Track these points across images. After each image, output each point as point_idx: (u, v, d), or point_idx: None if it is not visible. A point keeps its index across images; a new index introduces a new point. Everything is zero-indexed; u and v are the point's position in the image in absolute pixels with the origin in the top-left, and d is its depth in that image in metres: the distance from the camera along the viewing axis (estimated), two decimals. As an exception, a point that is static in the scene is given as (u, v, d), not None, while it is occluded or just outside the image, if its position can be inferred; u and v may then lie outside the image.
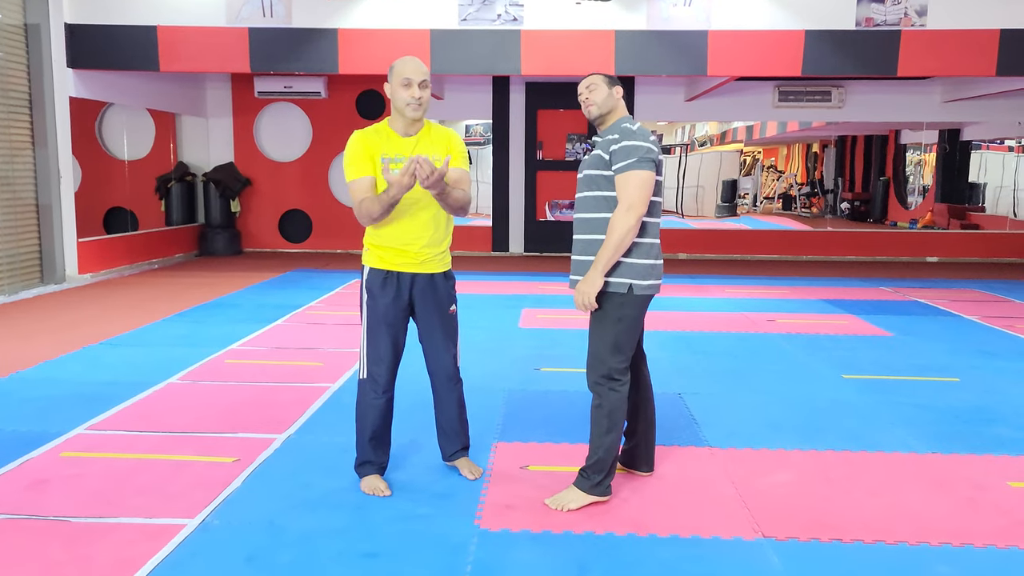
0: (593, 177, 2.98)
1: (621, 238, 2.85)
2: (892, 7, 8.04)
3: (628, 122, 3.01)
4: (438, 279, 3.17)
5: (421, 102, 3.00)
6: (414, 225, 3.06)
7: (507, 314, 6.97)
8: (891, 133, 16.99)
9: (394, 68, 3.01)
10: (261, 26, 8.34)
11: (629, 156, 2.87)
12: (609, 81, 3.04)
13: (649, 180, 2.88)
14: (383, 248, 3.09)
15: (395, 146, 3.04)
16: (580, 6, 8.21)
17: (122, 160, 11.49)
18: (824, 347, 5.78)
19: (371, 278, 3.12)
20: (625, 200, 2.86)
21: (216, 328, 6.25)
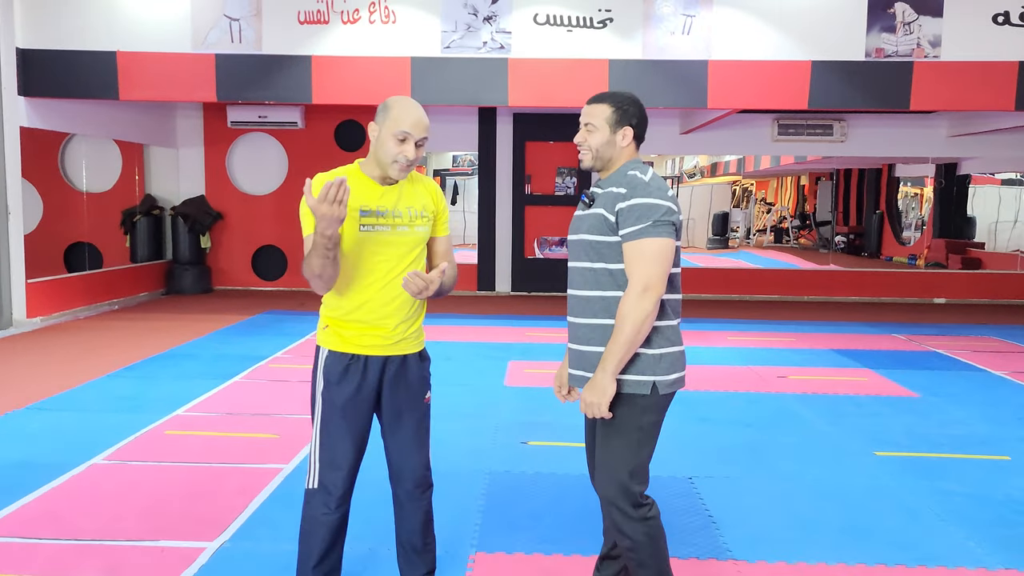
0: (593, 244, 2.32)
1: (636, 329, 2.21)
2: (904, 37, 7.55)
3: (638, 169, 2.34)
4: (412, 361, 2.52)
5: (412, 164, 2.39)
6: (390, 299, 2.42)
7: (491, 368, 6.32)
8: (884, 167, 16.62)
9: (389, 112, 2.37)
10: (229, 52, 7.76)
11: (642, 219, 2.23)
12: (616, 118, 2.34)
13: (668, 250, 2.24)
14: (347, 325, 2.43)
15: (372, 196, 2.41)
16: (572, 34, 7.67)
17: (86, 193, 10.84)
18: (846, 412, 5.16)
19: (330, 364, 2.45)
20: (639, 278, 2.22)
21: (165, 386, 5.57)
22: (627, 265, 2.25)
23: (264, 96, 7.89)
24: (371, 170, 2.44)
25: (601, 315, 2.33)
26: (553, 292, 10.92)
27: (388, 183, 2.45)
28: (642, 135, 2.41)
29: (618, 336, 2.23)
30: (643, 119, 2.40)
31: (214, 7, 7.74)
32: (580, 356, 2.39)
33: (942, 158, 12.24)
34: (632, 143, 2.39)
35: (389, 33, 7.76)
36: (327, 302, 2.49)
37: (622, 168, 2.37)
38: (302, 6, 7.75)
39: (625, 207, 2.26)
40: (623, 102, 2.37)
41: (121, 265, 10.28)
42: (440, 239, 2.59)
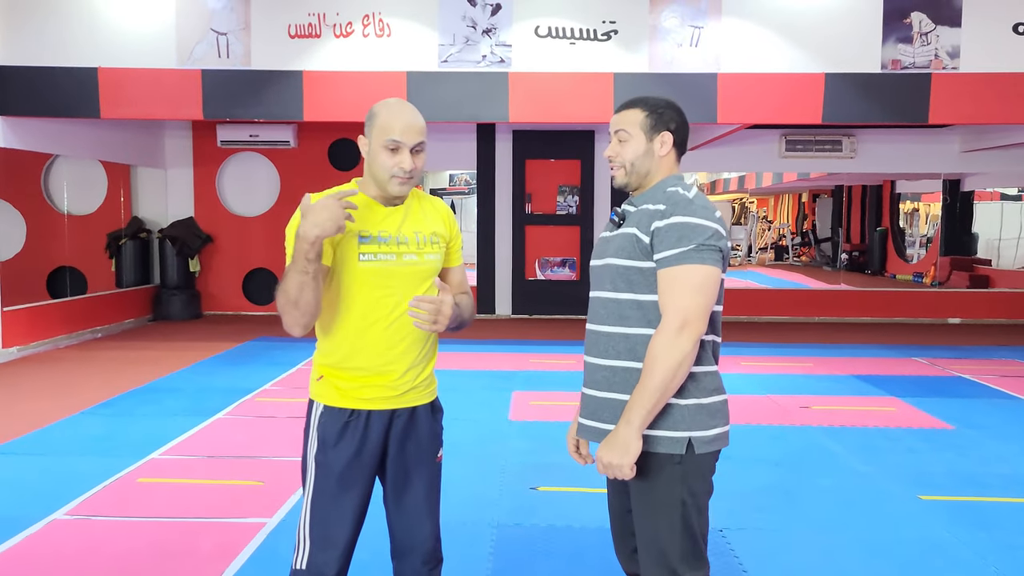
0: (620, 270, 1.94)
1: (669, 374, 1.82)
2: (921, 48, 7.23)
3: (680, 184, 1.97)
4: (422, 414, 2.13)
5: (412, 175, 2.01)
6: (396, 341, 2.04)
7: (494, 400, 5.92)
8: (886, 183, 16.34)
9: (376, 119, 2.02)
10: (216, 68, 7.40)
11: (683, 241, 1.86)
12: (651, 123, 1.99)
13: (712, 280, 1.87)
14: (347, 374, 2.04)
15: (372, 219, 2.03)
16: (575, 47, 7.34)
17: (70, 215, 10.47)
18: (880, 448, 4.76)
19: (325, 422, 2.05)
20: (675, 312, 1.84)
21: (142, 425, 5.16)
22: (661, 296, 1.88)
23: (253, 114, 7.53)
24: (369, 189, 2.07)
25: (626, 356, 1.94)
26: (555, 315, 10.53)
27: (391, 204, 2.07)
28: (684, 143, 2.05)
29: (647, 381, 1.83)
30: (683, 124, 2.04)
31: (200, 21, 7.41)
32: (598, 404, 2.00)
33: (954, 174, 11.91)
34: (672, 152, 2.03)
35: (384, 47, 7.42)
36: (321, 347, 2.09)
37: (660, 184, 2.00)
38: (293, 19, 7.42)
39: (663, 226, 1.88)
40: (658, 105, 2.02)
41: (106, 291, 9.88)
42: (454, 270, 2.22)
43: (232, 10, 7.39)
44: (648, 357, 1.86)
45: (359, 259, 1.99)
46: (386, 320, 2.03)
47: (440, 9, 7.39)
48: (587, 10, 7.39)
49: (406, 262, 2.03)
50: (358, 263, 1.99)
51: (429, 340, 2.13)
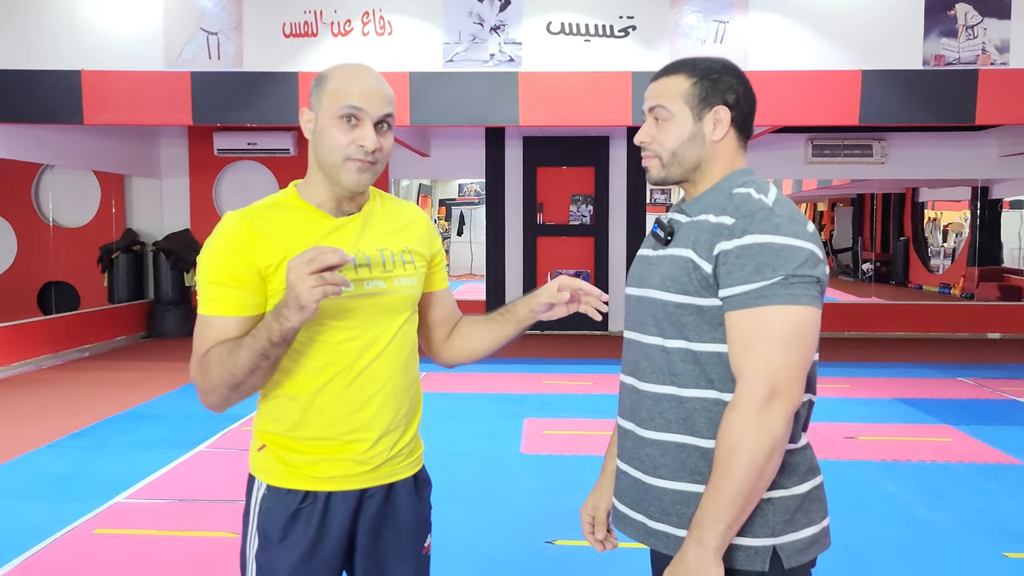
0: (668, 308, 1.39)
1: (756, 469, 1.28)
2: (967, 42, 6.66)
3: (751, 183, 1.41)
4: (403, 493, 1.58)
5: (376, 159, 1.47)
6: (364, 400, 1.50)
7: (505, 428, 5.36)
8: (908, 191, 15.78)
9: (325, 83, 1.48)
10: (206, 70, 6.92)
11: (765, 271, 1.30)
12: (701, 94, 1.42)
13: (811, 326, 1.32)
14: (296, 445, 1.50)
15: (325, 236, 1.48)
16: (590, 44, 6.81)
17: (62, 228, 10.02)
18: (945, 489, 4.18)
19: (270, 509, 1.50)
20: (759, 375, 1.29)
21: (112, 461, 4.63)
22: (735, 350, 1.33)
23: (246, 118, 7.04)
24: (314, 193, 1.51)
25: (678, 428, 1.39)
26: (568, 331, 9.97)
27: (343, 211, 1.52)
28: (748, 122, 1.46)
29: (723, 483, 1.29)
30: (747, 95, 1.45)
31: (189, 20, 6.92)
32: (642, 492, 1.44)
33: (991, 180, 11.31)
34: (732, 135, 1.44)
35: (385, 46, 6.92)
36: (263, 409, 1.54)
37: (723, 183, 1.43)
38: (287, 17, 6.93)
39: (733, 249, 1.32)
40: (711, 68, 1.44)
41: (97, 307, 9.40)
42: (440, 295, 1.70)
43: (223, 8, 6.91)
44: (722, 445, 1.30)
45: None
46: (348, 373, 1.48)
47: (445, 5, 6.89)
48: (603, 5, 6.86)
49: (370, 292, 1.49)
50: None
51: (411, 390, 1.58)
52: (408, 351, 1.57)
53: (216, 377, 1.39)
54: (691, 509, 1.38)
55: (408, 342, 1.57)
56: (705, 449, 1.37)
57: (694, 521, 1.32)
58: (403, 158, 10.12)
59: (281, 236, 1.45)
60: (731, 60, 1.49)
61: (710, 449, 1.37)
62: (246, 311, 1.43)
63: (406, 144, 8.95)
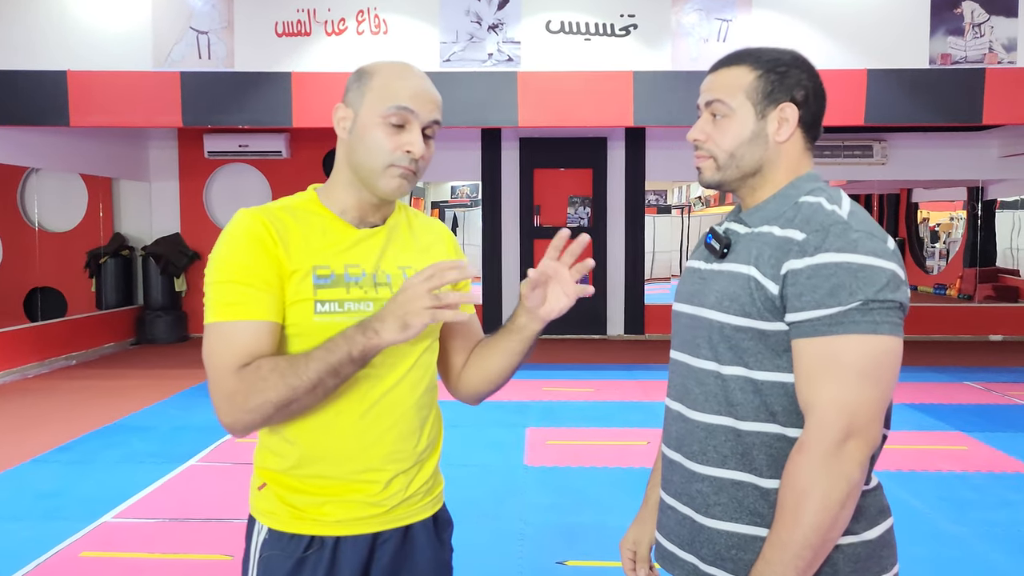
0: (725, 331, 1.25)
1: (828, 518, 1.13)
2: (973, 41, 6.55)
3: (821, 191, 1.26)
4: (420, 536, 1.42)
5: (419, 167, 1.34)
6: (377, 435, 1.34)
7: (507, 439, 5.20)
8: (902, 192, 15.71)
9: (371, 79, 1.33)
10: (196, 70, 6.73)
11: (840, 294, 1.15)
12: (765, 89, 1.27)
13: (894, 358, 1.17)
14: (301, 484, 1.34)
15: (337, 246, 1.34)
16: (590, 43, 6.66)
17: (48, 232, 9.80)
18: (966, 501, 4.04)
19: (271, 557, 1.34)
20: (833, 413, 1.14)
21: (100, 476, 4.44)
22: (804, 383, 1.17)
23: (238, 120, 6.85)
24: (338, 198, 1.37)
25: (734, 464, 1.25)
26: (567, 335, 9.81)
27: (367, 223, 1.37)
28: (817, 122, 1.31)
29: (790, 532, 1.14)
30: (817, 91, 1.29)
31: (179, 19, 6.74)
32: (694, 532, 1.30)
33: (991, 180, 11.22)
34: (799, 135, 1.29)
35: (380, 45, 6.74)
36: (264, 444, 1.37)
37: (788, 190, 1.28)
38: (280, 16, 6.76)
39: (803, 268, 1.17)
40: (778, 61, 1.28)
41: (85, 313, 9.19)
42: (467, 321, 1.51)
43: (213, 7, 6.73)
44: (788, 490, 1.16)
45: (314, 311, 1.29)
46: (360, 405, 1.33)
47: (442, 4, 6.73)
48: (603, 3, 6.72)
49: None
50: (312, 318, 1.29)
51: (429, 424, 1.42)
52: (427, 382, 1.42)
53: (270, 392, 1.21)
54: (748, 554, 1.23)
55: (428, 372, 1.42)
56: (765, 489, 1.23)
57: (754, 574, 1.18)
58: (397, 160, 9.93)
59: (301, 242, 1.31)
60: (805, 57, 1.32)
61: (771, 489, 1.23)
62: (276, 317, 1.28)
63: (401, 146, 8.78)
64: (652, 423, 5.57)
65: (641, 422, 5.60)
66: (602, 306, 9.82)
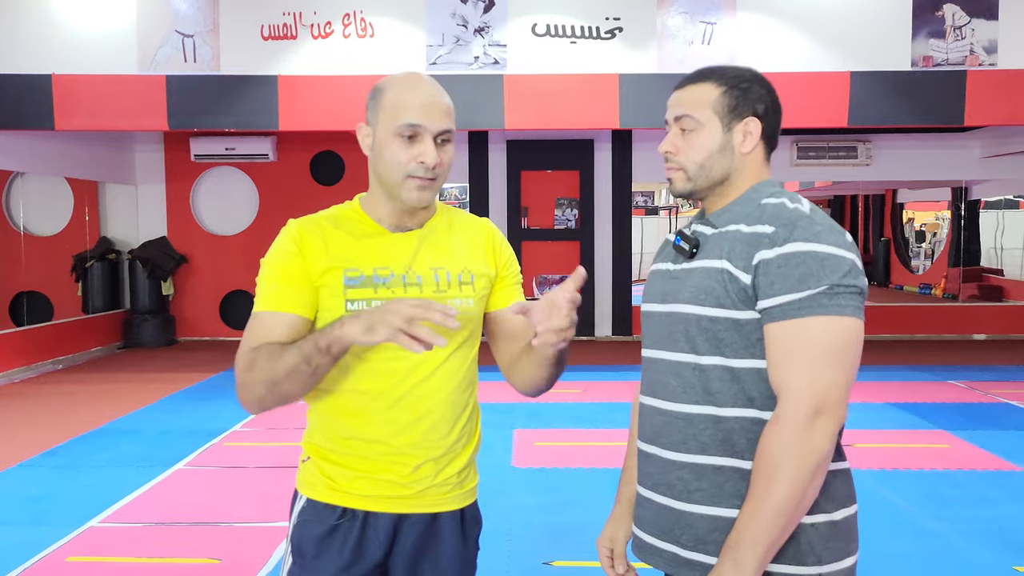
0: (703, 323, 1.31)
1: (800, 487, 1.22)
2: (955, 43, 6.63)
3: (783, 195, 1.36)
4: (447, 527, 1.48)
5: (437, 174, 1.42)
6: (408, 423, 1.43)
7: (495, 439, 5.22)
8: (888, 192, 15.85)
9: (383, 95, 1.42)
10: (182, 73, 6.73)
11: (808, 280, 1.24)
12: (731, 103, 1.36)
13: (857, 338, 1.26)
14: (337, 459, 1.44)
15: (372, 249, 1.44)
16: (576, 46, 6.70)
17: (34, 236, 9.75)
18: (947, 498, 4.09)
19: (306, 522, 1.45)
20: (804, 391, 1.23)
21: (86, 480, 4.44)
22: (776, 365, 1.26)
23: (224, 124, 6.85)
24: (376, 206, 1.49)
25: (716, 450, 1.32)
26: (555, 336, 9.83)
27: (403, 227, 1.47)
28: (774, 135, 1.41)
29: (764, 501, 1.22)
30: (774, 105, 1.39)
31: (164, 22, 6.74)
32: (673, 519, 1.36)
33: (974, 181, 11.33)
34: (760, 147, 1.39)
35: (367, 48, 6.76)
36: (311, 420, 1.49)
37: (750, 194, 1.38)
38: (266, 19, 6.76)
39: (775, 257, 1.26)
40: (740, 78, 1.38)
41: (71, 317, 9.15)
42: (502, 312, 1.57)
43: (198, 10, 6.73)
44: (763, 463, 1.24)
45: (345, 309, 1.41)
46: (391, 395, 1.42)
47: (427, 6, 6.75)
48: (589, 6, 6.76)
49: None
50: (344, 312, 1.40)
51: (465, 418, 1.49)
52: (462, 376, 1.49)
53: (258, 371, 1.35)
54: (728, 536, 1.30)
55: (463, 366, 1.49)
56: (746, 471, 1.31)
57: (729, 542, 1.25)
58: (385, 163, 9.95)
59: (334, 245, 1.43)
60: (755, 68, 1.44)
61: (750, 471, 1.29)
62: (295, 308, 1.40)
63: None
64: (639, 423, 5.61)
65: (628, 423, 5.62)
66: (590, 308, 9.86)
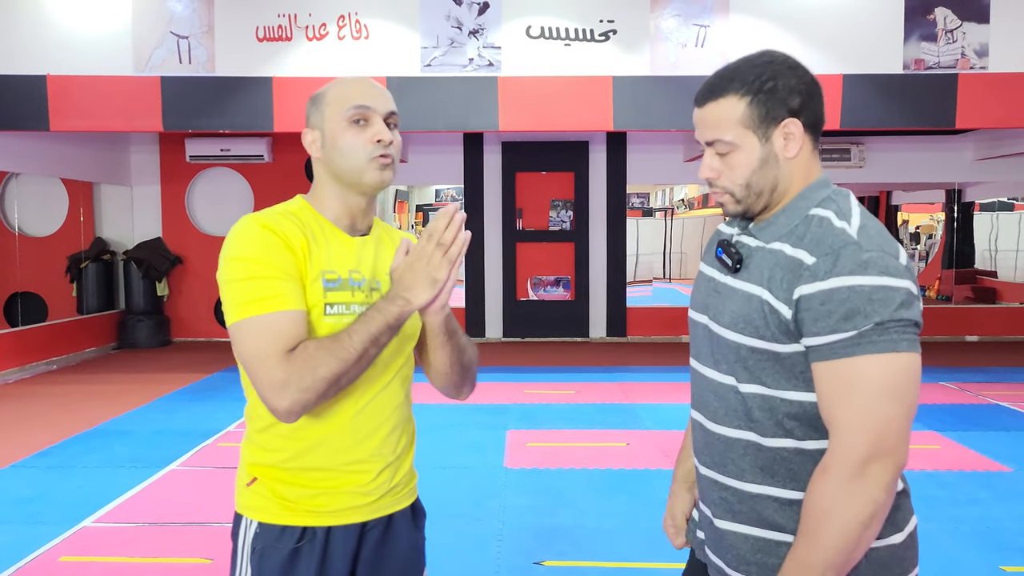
0: (741, 352, 1.26)
1: (851, 539, 1.15)
2: (946, 46, 6.66)
3: (831, 203, 1.25)
4: (401, 524, 1.50)
5: (393, 153, 1.42)
6: (371, 430, 1.43)
7: (487, 440, 5.24)
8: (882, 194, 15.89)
9: (325, 95, 1.44)
10: (177, 75, 6.74)
11: (856, 317, 1.14)
12: (762, 111, 1.24)
13: (914, 374, 1.17)
14: (294, 477, 1.40)
15: (341, 252, 1.42)
16: (570, 48, 6.72)
17: (28, 237, 9.74)
18: (935, 499, 4.12)
19: (264, 549, 1.39)
20: (857, 434, 1.15)
21: (79, 481, 4.45)
22: (827, 405, 1.18)
23: (219, 125, 6.86)
24: (329, 207, 1.45)
25: (754, 477, 1.28)
26: (549, 337, 9.87)
27: (357, 230, 1.45)
28: (818, 121, 1.28)
29: (813, 555, 1.16)
30: (810, 91, 1.26)
31: (159, 23, 6.75)
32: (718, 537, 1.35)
33: (967, 183, 11.38)
34: (807, 142, 1.27)
35: (361, 50, 6.78)
36: (255, 440, 1.42)
37: (797, 202, 1.27)
38: (261, 21, 6.78)
39: (816, 294, 1.17)
40: (761, 77, 1.24)
41: (66, 318, 9.14)
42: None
43: (193, 11, 6.74)
44: (810, 511, 1.17)
45: (324, 313, 1.37)
46: (357, 402, 1.41)
47: (422, 8, 6.77)
48: (583, 9, 6.79)
49: None
50: (323, 319, 1.37)
51: (410, 420, 1.55)
52: (406, 390, 1.53)
53: (322, 368, 1.27)
54: (772, 559, 1.27)
55: (406, 382, 1.53)
56: (784, 500, 1.26)
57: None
58: (380, 164, 9.97)
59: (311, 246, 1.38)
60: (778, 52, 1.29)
61: (790, 501, 1.25)
62: (304, 305, 1.34)
63: (383, 150, 8.81)
64: (631, 425, 5.63)
65: (621, 424, 5.66)
66: (584, 309, 9.89)
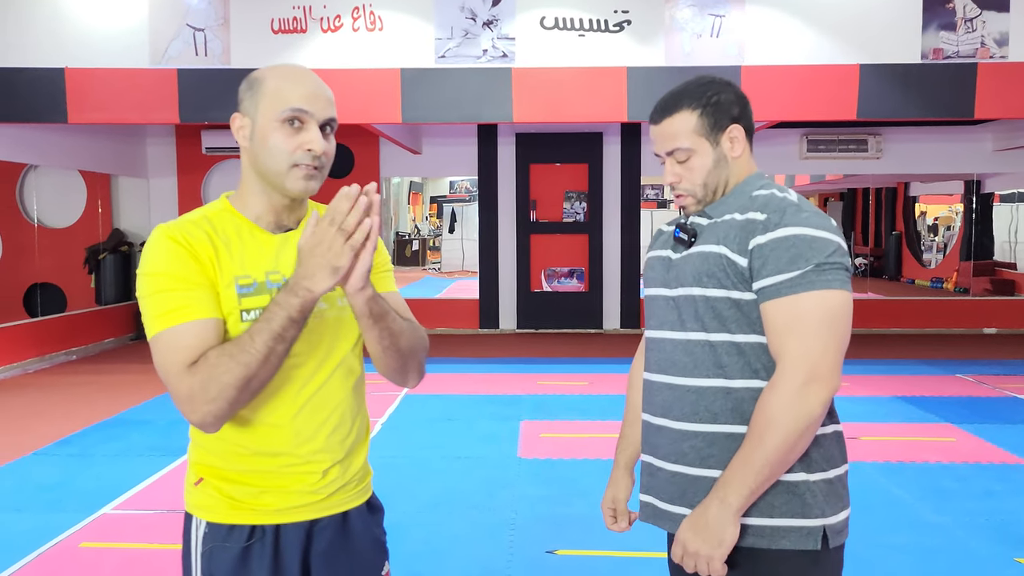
0: (709, 303, 1.45)
1: (789, 444, 1.36)
2: (965, 35, 6.59)
3: (771, 186, 1.51)
4: (356, 520, 1.47)
5: (323, 164, 1.36)
6: (314, 428, 1.39)
7: (501, 431, 5.27)
8: (900, 185, 15.75)
9: (261, 85, 1.37)
10: (193, 67, 6.78)
11: (799, 261, 1.38)
12: (711, 122, 1.49)
13: (846, 309, 1.39)
14: (240, 477, 1.37)
15: (259, 254, 1.37)
16: (584, 39, 6.70)
17: (47, 228, 9.85)
18: (950, 492, 4.10)
19: (214, 549, 1.38)
20: (799, 358, 1.36)
21: (99, 469, 4.51)
22: (774, 338, 1.40)
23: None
24: (251, 204, 1.40)
25: (728, 418, 1.45)
26: (563, 329, 9.88)
27: (281, 227, 1.41)
28: (752, 126, 1.55)
29: (755, 452, 1.36)
30: (743, 102, 1.53)
31: (175, 16, 6.79)
32: (682, 484, 1.48)
33: (986, 174, 11.26)
34: (745, 144, 1.53)
35: (376, 42, 6.79)
36: (199, 440, 1.40)
37: (741, 187, 1.52)
38: (276, 13, 6.80)
39: (767, 242, 1.40)
40: (707, 93, 1.50)
41: (84, 308, 9.25)
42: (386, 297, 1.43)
43: (209, 4, 6.78)
44: (759, 419, 1.37)
45: (241, 319, 1.33)
46: (295, 401, 1.37)
47: (436, 0, 6.77)
48: (597, -1, 6.76)
49: (315, 314, 1.37)
50: (240, 325, 1.33)
51: (360, 416, 1.48)
52: (357, 375, 1.47)
53: (225, 376, 1.23)
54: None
55: (358, 366, 1.47)
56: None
57: (720, 482, 1.39)
58: (394, 155, 10.00)
59: (223, 252, 1.34)
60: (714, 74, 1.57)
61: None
62: (216, 313, 1.30)
63: (397, 141, 8.83)
64: (645, 416, 5.63)
65: (634, 415, 5.66)
66: (598, 300, 9.89)
